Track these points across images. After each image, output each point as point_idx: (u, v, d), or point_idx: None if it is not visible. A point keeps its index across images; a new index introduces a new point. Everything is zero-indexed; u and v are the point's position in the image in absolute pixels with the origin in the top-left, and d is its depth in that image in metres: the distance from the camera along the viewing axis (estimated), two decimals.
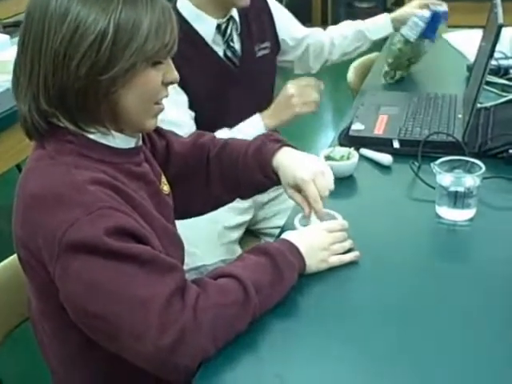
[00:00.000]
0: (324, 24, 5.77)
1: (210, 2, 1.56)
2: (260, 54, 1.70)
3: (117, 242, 0.86)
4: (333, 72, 5.01)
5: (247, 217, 1.75)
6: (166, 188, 1.12)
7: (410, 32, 1.89)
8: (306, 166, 1.14)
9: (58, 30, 0.89)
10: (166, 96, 1.00)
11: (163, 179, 1.13)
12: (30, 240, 0.91)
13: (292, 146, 1.21)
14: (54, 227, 0.87)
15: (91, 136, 0.96)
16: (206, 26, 1.58)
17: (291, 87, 1.57)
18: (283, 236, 1.09)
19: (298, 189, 1.15)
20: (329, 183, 1.15)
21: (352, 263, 1.10)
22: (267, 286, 0.96)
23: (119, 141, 0.99)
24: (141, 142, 1.06)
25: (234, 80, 1.63)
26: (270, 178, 1.19)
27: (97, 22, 0.88)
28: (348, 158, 1.42)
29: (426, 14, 1.87)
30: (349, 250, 1.11)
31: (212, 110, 1.58)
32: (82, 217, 0.86)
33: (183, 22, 1.57)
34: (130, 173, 1.00)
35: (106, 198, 0.89)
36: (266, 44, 1.72)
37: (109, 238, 0.86)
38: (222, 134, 1.50)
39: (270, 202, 1.80)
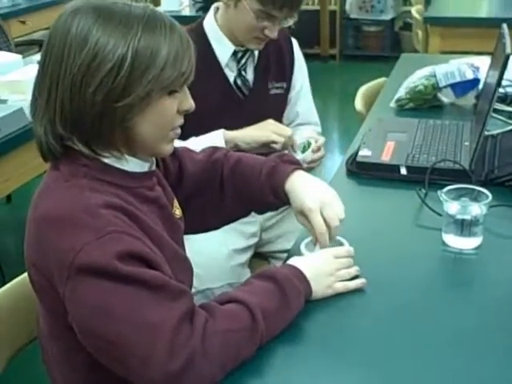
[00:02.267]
0: (332, 47, 5.82)
1: (230, 30, 1.59)
2: (273, 92, 1.71)
3: (127, 266, 0.87)
4: (340, 96, 5.02)
5: (255, 239, 1.75)
6: (178, 212, 1.13)
7: (444, 78, 1.88)
8: (314, 195, 1.14)
9: (77, 57, 0.90)
10: (181, 124, 1.01)
11: (175, 203, 1.14)
12: (41, 261, 0.92)
13: (304, 169, 1.22)
14: (66, 249, 0.87)
15: (105, 160, 0.97)
16: (223, 48, 1.61)
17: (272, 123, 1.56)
18: (290, 262, 1.09)
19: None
20: (338, 213, 1.14)
21: (358, 289, 1.10)
22: (274, 312, 0.97)
23: (133, 165, 1.00)
24: (154, 167, 1.07)
25: (237, 108, 1.63)
26: (282, 200, 1.20)
27: (115, 48, 0.89)
28: (306, 149, 1.51)
29: (469, 74, 1.86)
30: (355, 277, 1.12)
31: (204, 129, 1.55)
32: (93, 240, 0.87)
33: (204, 39, 1.60)
34: (142, 197, 1.01)
35: (117, 222, 0.90)
36: (282, 84, 1.72)
37: (119, 262, 0.86)
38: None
39: (274, 225, 1.80)
